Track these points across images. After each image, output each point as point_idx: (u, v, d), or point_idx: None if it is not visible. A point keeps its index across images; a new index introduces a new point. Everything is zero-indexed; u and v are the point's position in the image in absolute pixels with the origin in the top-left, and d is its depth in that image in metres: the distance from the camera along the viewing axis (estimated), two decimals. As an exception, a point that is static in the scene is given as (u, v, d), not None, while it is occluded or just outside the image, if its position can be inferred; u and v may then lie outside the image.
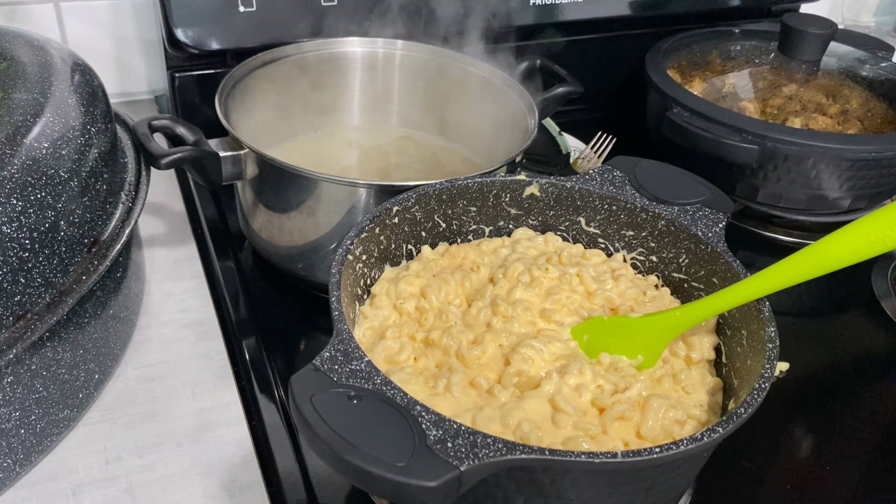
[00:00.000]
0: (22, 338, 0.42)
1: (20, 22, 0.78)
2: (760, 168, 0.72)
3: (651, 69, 0.81)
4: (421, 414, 0.35)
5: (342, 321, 0.40)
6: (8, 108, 0.46)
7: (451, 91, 0.72)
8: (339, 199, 0.56)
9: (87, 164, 0.48)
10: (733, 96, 0.79)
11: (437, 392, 0.43)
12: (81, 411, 0.51)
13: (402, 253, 0.53)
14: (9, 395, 0.44)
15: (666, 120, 0.74)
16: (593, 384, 0.44)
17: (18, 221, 0.43)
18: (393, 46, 0.73)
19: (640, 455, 0.35)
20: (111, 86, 0.68)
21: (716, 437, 0.37)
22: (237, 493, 0.48)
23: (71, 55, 0.55)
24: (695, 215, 0.52)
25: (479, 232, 0.56)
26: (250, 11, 0.73)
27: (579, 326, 0.49)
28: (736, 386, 0.46)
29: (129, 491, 0.47)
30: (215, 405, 0.53)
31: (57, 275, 0.45)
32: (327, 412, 0.35)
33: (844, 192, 0.73)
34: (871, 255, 0.42)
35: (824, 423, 0.56)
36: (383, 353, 0.46)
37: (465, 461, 0.34)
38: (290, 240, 0.60)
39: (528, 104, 0.66)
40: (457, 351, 0.46)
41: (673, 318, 0.47)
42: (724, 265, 0.49)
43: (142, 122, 0.57)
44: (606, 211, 0.55)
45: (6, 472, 0.46)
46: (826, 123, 0.75)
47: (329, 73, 0.72)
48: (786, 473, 0.52)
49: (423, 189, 0.52)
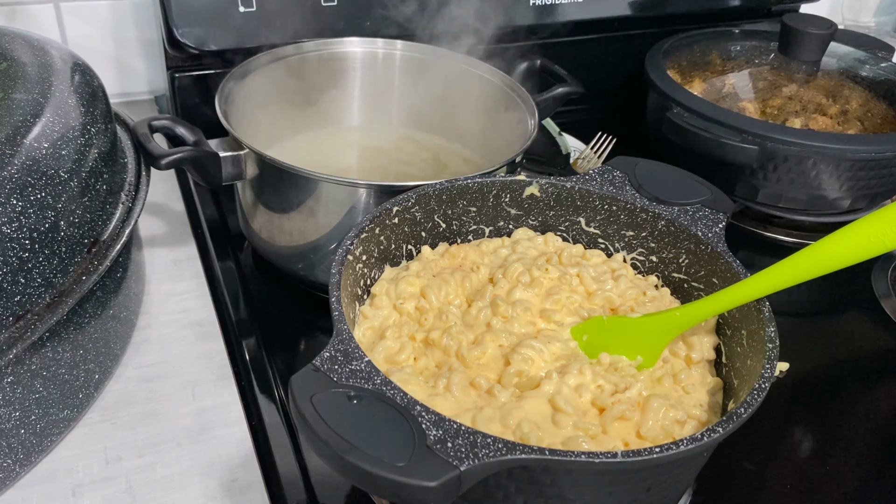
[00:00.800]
0: (22, 338, 0.42)
1: (20, 22, 0.78)
2: (760, 168, 0.72)
3: (651, 69, 0.81)
4: (421, 414, 0.35)
5: (342, 321, 0.40)
6: (8, 108, 0.46)
7: (451, 91, 0.72)
8: (339, 199, 0.56)
9: (87, 165, 0.48)
10: (733, 96, 0.79)
11: (437, 392, 0.43)
12: (81, 411, 0.51)
13: (402, 253, 0.53)
14: (9, 395, 0.44)
15: (666, 120, 0.74)
16: (593, 384, 0.44)
17: (18, 221, 0.43)
18: (393, 46, 0.73)
19: (640, 455, 0.35)
20: (111, 86, 0.68)
21: (716, 437, 0.37)
22: (237, 493, 0.48)
23: (71, 55, 0.55)
24: (695, 215, 0.52)
25: (479, 232, 0.56)
26: (250, 11, 0.73)
27: (579, 326, 0.49)
28: (736, 386, 0.46)
29: (129, 491, 0.47)
30: (215, 405, 0.53)
31: (57, 275, 0.45)
32: (327, 412, 0.35)
33: (844, 193, 0.73)
34: (871, 255, 0.42)
35: (824, 423, 0.56)
36: (383, 353, 0.46)
37: (465, 461, 0.34)
38: (290, 240, 0.60)
39: (528, 104, 0.66)
40: (457, 351, 0.46)
41: (672, 319, 0.47)
42: (724, 265, 0.49)
43: (142, 123, 0.57)
44: (606, 211, 0.55)
45: (6, 472, 0.46)
46: (826, 124, 0.75)
47: (329, 73, 0.72)
48: (786, 473, 0.52)
49: (423, 189, 0.52)
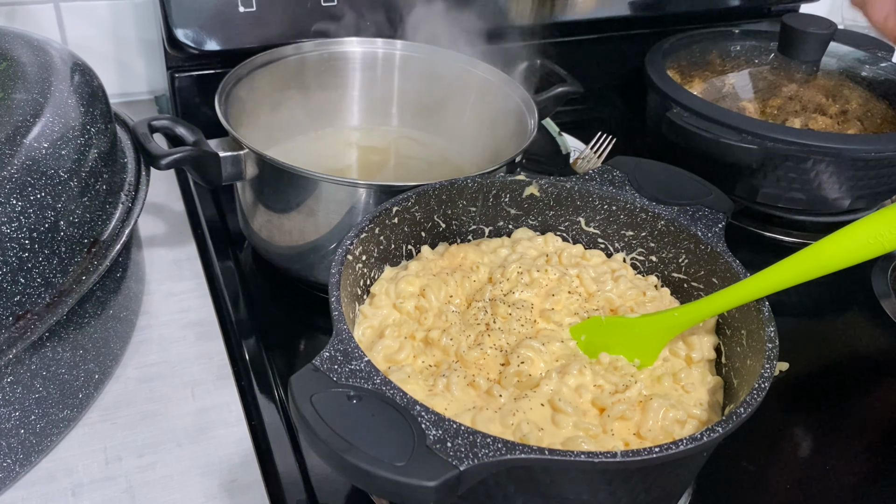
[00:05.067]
0: (22, 338, 0.42)
1: (20, 22, 0.78)
2: (760, 168, 0.72)
3: (651, 69, 0.81)
4: (420, 414, 0.35)
5: (342, 321, 0.40)
6: (8, 108, 0.46)
7: (451, 91, 0.72)
8: (339, 199, 0.56)
9: (86, 165, 0.48)
10: (733, 96, 0.79)
11: (437, 392, 0.43)
12: (81, 411, 0.51)
13: (401, 253, 0.53)
14: (9, 395, 0.44)
15: (666, 120, 0.74)
16: (593, 384, 0.44)
17: (18, 221, 0.43)
18: (393, 46, 0.73)
19: (640, 455, 0.35)
20: (111, 86, 0.68)
21: (715, 437, 0.37)
22: (237, 493, 0.48)
23: (71, 55, 0.55)
24: (695, 215, 0.52)
25: (478, 232, 0.56)
26: (250, 11, 0.73)
27: (577, 326, 0.49)
28: (736, 386, 0.46)
29: (129, 491, 0.47)
30: (215, 405, 0.53)
31: (57, 275, 0.45)
32: (327, 412, 0.35)
33: (844, 193, 0.72)
34: (870, 256, 0.42)
35: (824, 423, 0.56)
36: (382, 352, 0.46)
37: (465, 461, 0.34)
38: (290, 240, 0.60)
39: (527, 104, 0.66)
40: (456, 351, 0.46)
41: (671, 319, 0.47)
42: (724, 265, 0.49)
43: (142, 123, 0.57)
44: (606, 211, 0.55)
45: (6, 472, 0.46)
46: (826, 124, 0.75)
47: (329, 73, 0.72)
48: (786, 473, 0.52)
49: (422, 189, 0.52)
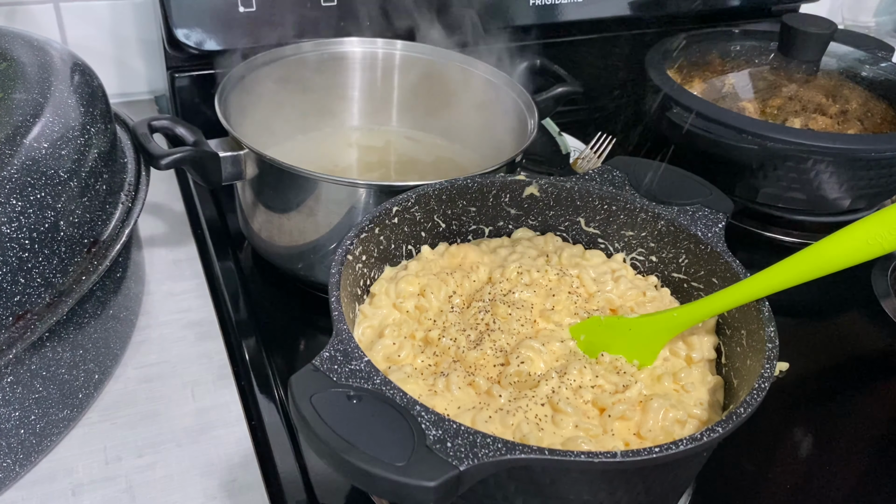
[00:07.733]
0: (22, 338, 0.42)
1: (20, 22, 0.78)
2: (760, 168, 0.72)
3: (651, 69, 0.81)
4: (420, 414, 0.35)
5: (342, 321, 0.40)
6: (8, 108, 0.46)
7: (450, 91, 0.72)
8: (338, 199, 0.56)
9: (86, 165, 0.48)
10: (733, 96, 0.79)
11: (437, 391, 0.43)
12: (81, 411, 0.51)
13: (401, 253, 0.53)
14: (9, 395, 0.44)
15: (666, 120, 0.74)
16: (593, 384, 0.44)
17: (18, 221, 0.43)
18: (393, 46, 0.73)
19: (640, 455, 0.35)
20: (111, 86, 0.68)
21: (715, 437, 0.37)
22: (237, 493, 0.48)
23: (71, 55, 0.55)
24: (694, 215, 0.52)
25: (478, 232, 0.56)
26: (250, 11, 0.73)
27: (577, 326, 0.48)
28: (736, 386, 0.46)
29: (129, 491, 0.47)
30: (215, 405, 0.53)
31: (57, 275, 0.45)
32: (327, 412, 0.35)
33: (844, 193, 0.72)
34: (870, 257, 0.42)
35: (824, 423, 0.56)
36: (382, 352, 0.46)
37: (465, 461, 0.34)
38: (290, 240, 0.60)
39: (527, 104, 0.66)
40: (456, 351, 0.46)
41: (671, 319, 0.47)
42: (724, 265, 0.49)
43: (141, 123, 0.57)
44: (606, 211, 0.55)
45: (6, 472, 0.46)
46: (826, 123, 0.75)
47: (329, 74, 0.72)
48: (786, 473, 0.52)
49: (422, 189, 0.52)
